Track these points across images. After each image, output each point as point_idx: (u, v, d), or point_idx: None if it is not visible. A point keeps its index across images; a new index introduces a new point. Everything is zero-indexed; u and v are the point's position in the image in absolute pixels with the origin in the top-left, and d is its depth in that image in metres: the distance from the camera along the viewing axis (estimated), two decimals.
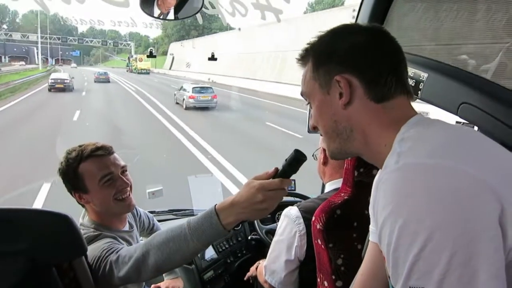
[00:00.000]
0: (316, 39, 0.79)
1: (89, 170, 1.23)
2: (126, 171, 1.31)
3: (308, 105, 0.82)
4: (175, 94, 18.65)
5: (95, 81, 30.60)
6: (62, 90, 21.60)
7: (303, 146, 0.98)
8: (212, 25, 72.63)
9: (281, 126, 12.04)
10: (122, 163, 1.30)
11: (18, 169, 6.83)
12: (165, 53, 77.38)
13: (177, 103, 17.90)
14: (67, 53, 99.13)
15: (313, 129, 0.83)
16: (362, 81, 0.72)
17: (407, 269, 0.54)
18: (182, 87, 17.93)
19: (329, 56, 0.75)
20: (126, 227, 1.38)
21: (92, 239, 1.21)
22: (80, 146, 1.27)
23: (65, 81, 22.42)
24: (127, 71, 53.07)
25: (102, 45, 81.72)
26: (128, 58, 58.66)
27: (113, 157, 1.28)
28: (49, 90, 21.67)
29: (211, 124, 13.74)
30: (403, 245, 0.55)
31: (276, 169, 0.96)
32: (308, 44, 0.80)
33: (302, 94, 0.82)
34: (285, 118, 13.91)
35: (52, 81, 22.29)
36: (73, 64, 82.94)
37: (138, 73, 46.66)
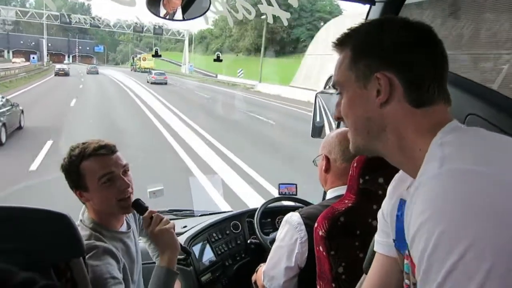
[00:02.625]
0: (358, 26, 0.75)
1: (90, 169, 1.23)
2: (128, 170, 1.30)
3: (339, 95, 0.78)
4: (147, 77, 31.62)
5: (87, 73, 41.23)
6: (64, 75, 35.39)
7: None
8: (316, 5, 43.86)
9: None
10: (124, 162, 1.29)
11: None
12: (236, 49, 51.43)
13: (147, 81, 30.26)
14: (87, 48, 78.95)
15: (337, 119, 0.80)
16: (404, 82, 0.68)
17: (442, 277, 0.52)
18: (149, 71, 35.06)
19: (373, 48, 0.70)
20: (124, 227, 1.38)
21: (89, 251, 1.18)
22: (83, 143, 1.26)
23: (65, 69, 37.11)
24: (132, 70, 51.44)
25: (134, 32, 52.11)
26: (133, 58, 56.38)
27: (115, 156, 1.27)
28: (55, 75, 35.10)
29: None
30: (440, 251, 0.53)
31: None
32: (348, 29, 0.76)
33: (334, 83, 0.78)
34: None
35: (57, 69, 36.83)
36: (66, 60, 69.97)
37: (142, 72, 46.29)
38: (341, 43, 0.76)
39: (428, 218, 0.55)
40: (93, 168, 1.23)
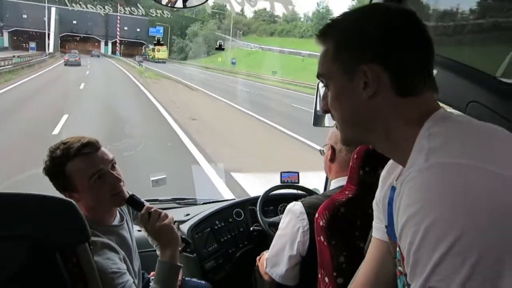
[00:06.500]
0: (341, 16, 0.73)
1: (78, 170, 1.18)
2: (115, 164, 1.26)
3: (325, 87, 0.75)
4: (140, 61, 39.47)
5: (91, 56, 44.62)
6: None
7: None
8: None
9: None
10: (111, 156, 1.25)
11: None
12: None
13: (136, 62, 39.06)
14: (137, 29, 47.41)
15: (325, 112, 0.78)
16: (390, 73, 0.66)
17: (429, 270, 0.52)
18: (140, 59, 42.15)
19: (356, 40, 0.68)
20: (117, 220, 1.35)
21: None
22: (64, 143, 1.20)
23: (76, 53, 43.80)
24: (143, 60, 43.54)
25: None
26: (144, 48, 49.66)
27: (101, 152, 1.23)
28: (65, 65, 44.67)
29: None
30: (427, 245, 0.53)
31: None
32: (331, 20, 0.73)
33: (318, 75, 0.75)
34: None
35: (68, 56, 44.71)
36: (102, 49, 47.82)
37: (155, 62, 42.27)
38: (324, 34, 0.73)
39: (414, 212, 0.55)
40: (80, 168, 1.18)
